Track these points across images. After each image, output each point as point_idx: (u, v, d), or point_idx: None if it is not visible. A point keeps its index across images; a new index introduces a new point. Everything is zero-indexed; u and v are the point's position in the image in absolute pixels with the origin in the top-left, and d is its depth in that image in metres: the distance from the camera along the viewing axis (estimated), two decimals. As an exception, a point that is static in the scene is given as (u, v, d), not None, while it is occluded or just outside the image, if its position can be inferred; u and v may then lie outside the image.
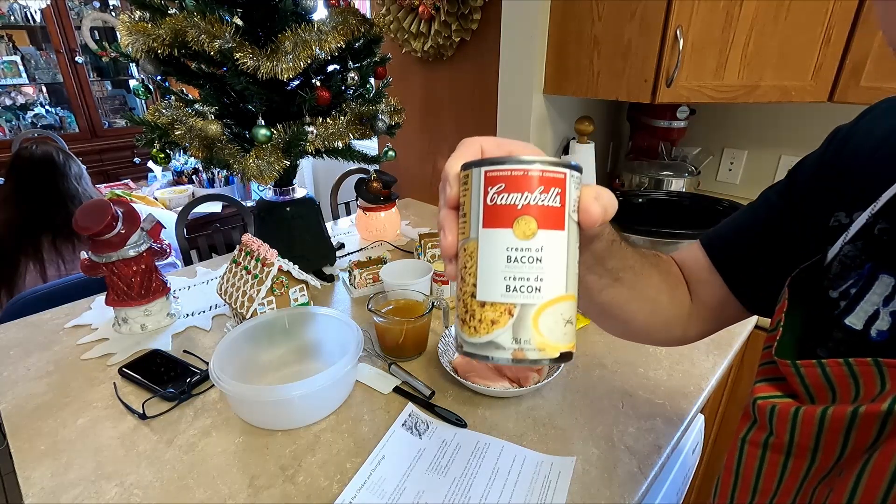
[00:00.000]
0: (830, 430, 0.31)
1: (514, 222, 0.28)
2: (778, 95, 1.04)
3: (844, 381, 0.31)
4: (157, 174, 2.57)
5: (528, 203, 0.28)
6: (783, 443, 0.35)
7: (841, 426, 0.31)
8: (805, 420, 0.33)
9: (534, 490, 0.61)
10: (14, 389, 0.80)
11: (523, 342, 0.29)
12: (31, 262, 1.32)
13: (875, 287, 0.33)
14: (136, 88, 1.05)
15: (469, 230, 0.30)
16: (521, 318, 0.29)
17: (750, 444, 0.38)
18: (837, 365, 0.31)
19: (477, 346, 0.30)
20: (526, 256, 0.28)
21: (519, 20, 1.21)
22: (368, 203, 1.37)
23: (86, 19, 3.00)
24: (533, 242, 0.28)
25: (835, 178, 0.40)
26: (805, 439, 0.33)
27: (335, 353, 0.77)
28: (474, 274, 0.30)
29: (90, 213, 0.87)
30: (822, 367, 0.32)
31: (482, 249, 0.29)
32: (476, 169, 0.30)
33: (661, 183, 1.35)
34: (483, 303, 0.29)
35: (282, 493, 0.61)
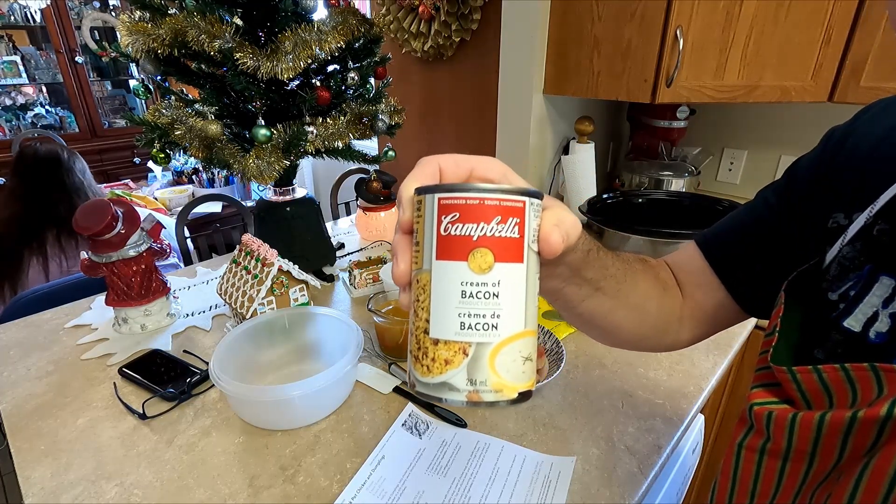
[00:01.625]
0: (829, 435, 0.31)
1: (470, 255, 0.26)
2: (778, 95, 1.04)
3: (841, 386, 0.31)
4: (157, 174, 2.57)
5: (484, 234, 0.26)
6: (780, 448, 0.35)
7: (839, 431, 0.31)
8: (803, 426, 0.33)
9: (534, 490, 0.61)
10: (14, 389, 0.80)
11: (479, 384, 0.27)
12: (35, 257, 1.33)
13: (875, 289, 0.33)
14: (136, 88, 1.05)
15: (422, 260, 0.28)
16: (476, 358, 0.27)
17: (747, 450, 0.38)
18: (834, 371, 0.31)
19: (430, 387, 0.28)
20: (482, 292, 0.26)
21: (519, 20, 1.21)
22: (368, 203, 1.37)
23: (86, 19, 3.00)
24: (489, 277, 0.26)
25: (832, 178, 0.40)
26: (803, 444, 0.33)
27: (335, 353, 0.77)
28: (427, 308, 0.28)
29: (90, 213, 0.87)
30: (818, 373, 0.32)
31: (435, 282, 0.27)
32: (429, 195, 0.27)
33: (661, 183, 1.35)
34: (436, 340, 0.27)
35: (282, 493, 0.61)
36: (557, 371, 0.76)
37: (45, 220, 1.35)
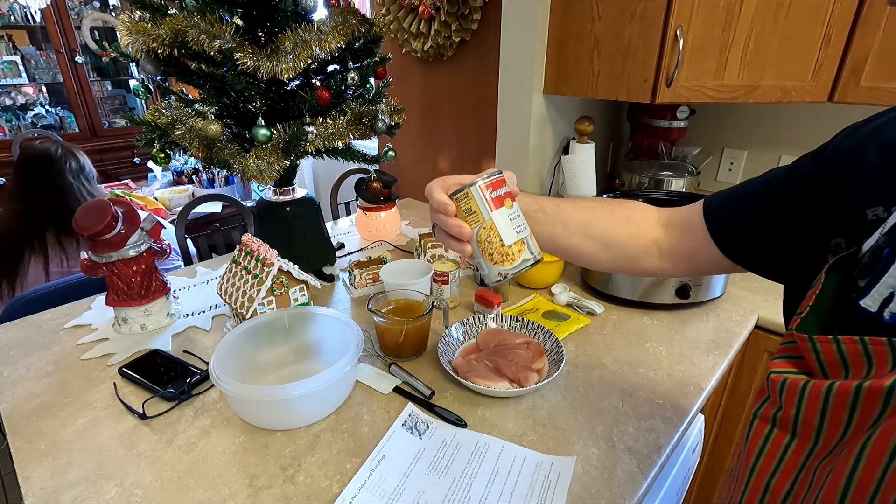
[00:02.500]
0: (836, 406, 0.32)
1: (504, 202, 0.53)
2: (778, 95, 1.04)
3: (858, 359, 0.32)
4: (157, 174, 2.57)
5: (503, 191, 0.53)
6: (789, 417, 0.36)
7: (846, 402, 0.31)
8: (812, 394, 0.33)
9: (534, 490, 0.61)
10: (14, 389, 0.80)
11: (534, 252, 0.55)
12: (35, 256, 1.33)
13: (892, 270, 0.33)
14: (136, 88, 1.05)
15: (482, 217, 0.52)
16: (527, 243, 0.54)
17: (760, 419, 0.39)
18: (853, 342, 0.32)
19: (515, 266, 0.53)
20: (515, 214, 0.54)
21: (519, 20, 1.21)
22: (368, 203, 1.37)
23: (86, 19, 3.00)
24: (514, 209, 0.54)
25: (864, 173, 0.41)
26: (810, 415, 0.34)
27: (335, 353, 0.77)
28: (497, 235, 0.53)
29: (90, 213, 0.87)
30: (837, 343, 0.32)
31: (497, 221, 0.52)
32: (473, 187, 0.52)
33: (661, 183, 1.35)
34: (509, 244, 0.53)
35: (282, 493, 0.61)
36: (557, 371, 0.76)
37: (43, 219, 1.35)
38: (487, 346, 0.85)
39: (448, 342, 0.86)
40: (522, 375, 0.76)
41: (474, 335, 0.90)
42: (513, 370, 0.77)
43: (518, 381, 0.76)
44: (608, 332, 0.95)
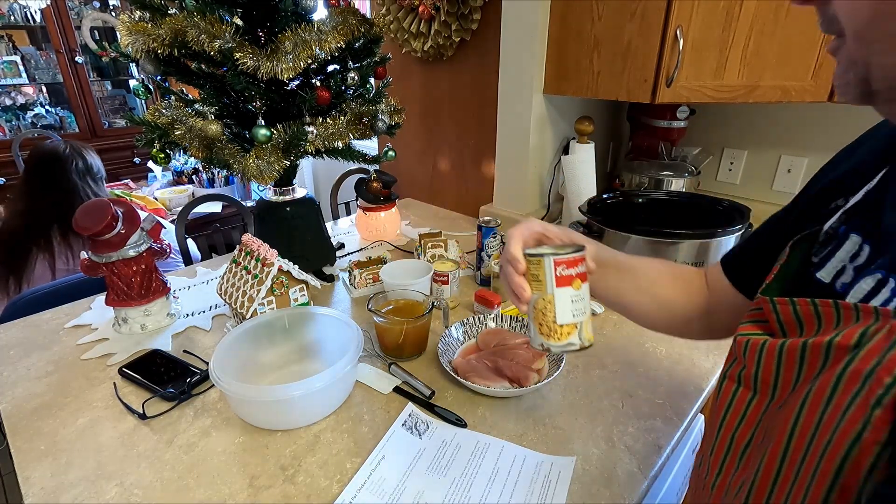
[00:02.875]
0: (787, 362, 0.37)
1: (572, 283, 0.53)
2: (778, 95, 1.03)
3: (810, 318, 0.37)
4: (157, 174, 2.57)
5: (576, 271, 0.53)
6: (751, 374, 0.40)
7: (795, 357, 0.36)
8: (769, 352, 0.38)
9: (534, 490, 0.61)
10: (14, 389, 0.80)
11: (583, 338, 0.55)
12: (42, 254, 1.34)
13: (845, 245, 0.38)
14: (136, 88, 1.05)
15: (545, 289, 0.53)
16: (580, 328, 0.54)
17: (728, 379, 0.44)
18: (806, 304, 0.37)
19: (560, 345, 0.54)
20: (579, 298, 0.54)
21: (519, 20, 1.21)
22: (368, 203, 1.37)
23: (86, 19, 3.00)
24: (581, 291, 0.54)
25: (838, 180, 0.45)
26: (767, 372, 0.39)
27: (335, 353, 0.77)
28: (553, 311, 0.53)
29: (90, 213, 0.87)
30: (793, 304, 0.38)
31: (557, 299, 0.53)
32: (546, 258, 0.53)
33: (661, 183, 1.35)
34: (562, 324, 0.54)
35: (282, 493, 0.61)
36: (557, 371, 0.76)
37: (49, 218, 1.35)
38: (487, 346, 0.85)
39: (448, 342, 0.86)
40: (522, 375, 0.76)
41: (474, 335, 0.90)
42: (513, 370, 0.77)
43: (518, 381, 0.76)
44: (608, 332, 0.95)
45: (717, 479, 0.43)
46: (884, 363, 0.29)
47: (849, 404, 0.30)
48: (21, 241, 1.33)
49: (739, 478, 0.40)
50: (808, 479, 0.32)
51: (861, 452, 0.29)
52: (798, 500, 0.33)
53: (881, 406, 0.29)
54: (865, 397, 0.30)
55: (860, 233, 0.37)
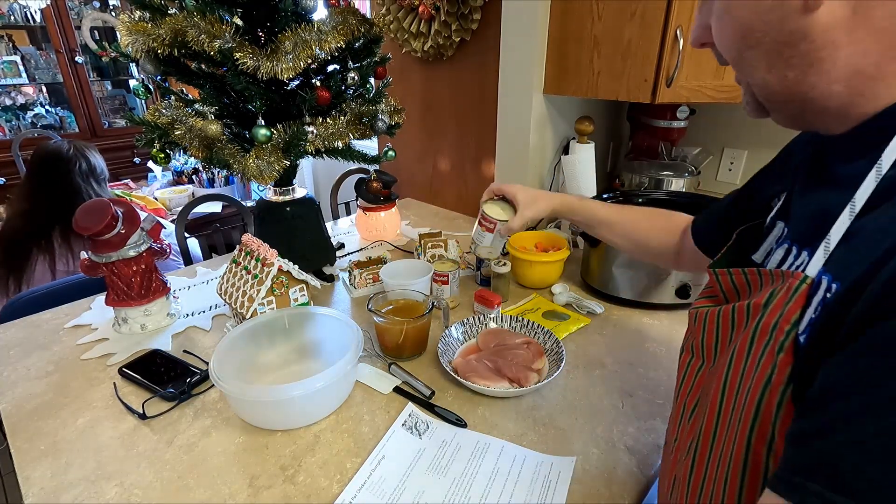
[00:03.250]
0: (723, 327, 0.43)
1: None
2: (778, 95, 1.04)
3: (744, 286, 0.43)
4: (157, 174, 2.57)
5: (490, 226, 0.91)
6: (699, 343, 0.46)
7: (728, 321, 0.43)
8: (710, 319, 0.45)
9: (534, 490, 0.61)
10: (14, 389, 0.80)
11: None
12: (42, 254, 1.33)
13: (773, 231, 0.46)
14: (136, 88, 1.05)
15: None
16: None
17: (685, 351, 0.50)
18: (739, 273, 0.44)
19: None
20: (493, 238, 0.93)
21: (519, 20, 1.20)
22: (368, 203, 1.37)
23: (86, 19, 2.99)
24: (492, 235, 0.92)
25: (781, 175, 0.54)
26: (710, 339, 0.45)
27: (335, 353, 0.77)
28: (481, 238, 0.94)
29: (90, 213, 0.87)
30: (730, 274, 0.45)
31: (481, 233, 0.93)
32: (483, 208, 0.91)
33: (661, 183, 1.35)
34: None
35: (282, 493, 0.61)
36: (557, 371, 0.76)
37: (50, 218, 1.35)
38: (487, 346, 0.85)
39: (448, 342, 0.86)
40: (522, 375, 0.76)
41: (474, 335, 0.90)
42: (513, 370, 0.77)
43: (518, 381, 0.76)
44: (608, 332, 0.95)
45: (675, 443, 0.48)
46: (784, 314, 0.35)
47: (762, 354, 0.36)
48: (22, 241, 1.33)
49: (689, 438, 0.44)
50: (736, 426, 0.37)
51: (771, 394, 0.34)
52: (730, 447, 0.38)
53: (783, 351, 0.34)
54: (773, 346, 0.35)
55: (783, 219, 0.45)
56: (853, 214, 0.34)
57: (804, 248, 0.39)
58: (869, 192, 0.34)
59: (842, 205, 0.35)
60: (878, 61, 0.34)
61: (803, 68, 0.36)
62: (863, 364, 0.28)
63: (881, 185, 0.33)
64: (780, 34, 0.36)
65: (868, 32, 0.34)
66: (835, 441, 0.28)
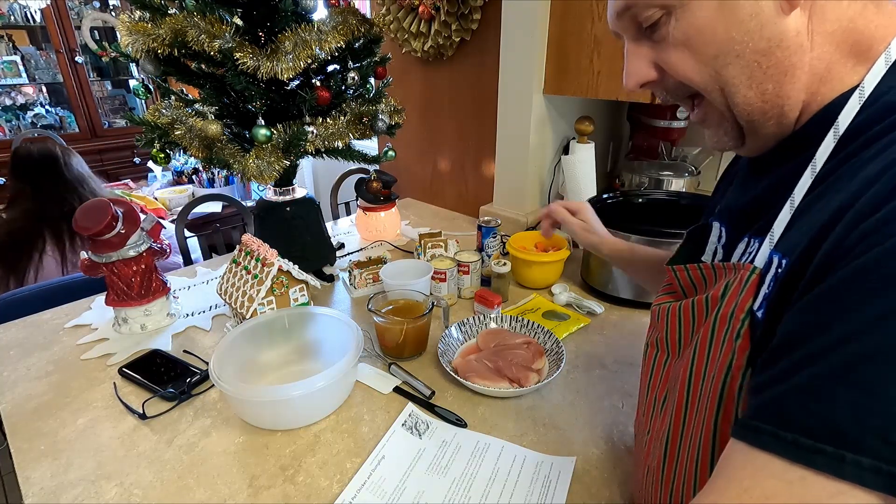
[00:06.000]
0: (684, 320, 0.45)
1: None
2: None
3: (700, 280, 0.46)
4: (157, 174, 2.57)
5: None
6: (663, 337, 0.48)
7: (689, 314, 0.44)
8: (672, 314, 0.47)
9: (534, 490, 0.61)
10: (14, 389, 0.80)
11: None
12: (52, 250, 1.33)
13: (713, 231, 0.49)
14: (136, 88, 1.05)
15: None
16: None
17: (650, 346, 0.52)
18: (695, 268, 0.46)
19: None
20: None
21: (519, 20, 1.20)
22: (368, 203, 1.37)
23: (86, 19, 2.99)
24: None
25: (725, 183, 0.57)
26: (673, 333, 0.47)
27: (335, 353, 0.77)
28: None
29: (90, 213, 0.87)
30: (687, 270, 0.47)
31: None
32: None
33: (661, 183, 1.35)
34: None
35: (282, 493, 0.61)
36: (557, 371, 0.76)
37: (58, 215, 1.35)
38: (487, 346, 0.85)
39: (448, 342, 0.86)
40: (522, 375, 0.76)
41: (474, 335, 0.90)
42: (513, 370, 0.77)
43: (518, 381, 0.76)
44: (608, 332, 0.95)
45: (647, 435, 0.49)
46: (738, 304, 0.37)
47: (723, 342, 0.38)
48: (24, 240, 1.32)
49: (662, 428, 0.46)
50: (703, 412, 0.39)
51: (733, 378, 0.37)
52: (699, 432, 0.40)
53: (740, 337, 0.36)
54: (731, 334, 0.37)
55: (717, 219, 0.49)
56: (793, 208, 0.36)
57: (753, 236, 0.41)
58: (805, 188, 0.36)
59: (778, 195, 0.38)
60: (829, 64, 0.36)
61: (779, 78, 0.37)
62: (809, 317, 0.30)
63: (816, 180, 0.36)
64: (760, 41, 0.36)
65: (823, 36, 0.36)
66: (782, 388, 0.30)
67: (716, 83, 0.39)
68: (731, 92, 0.38)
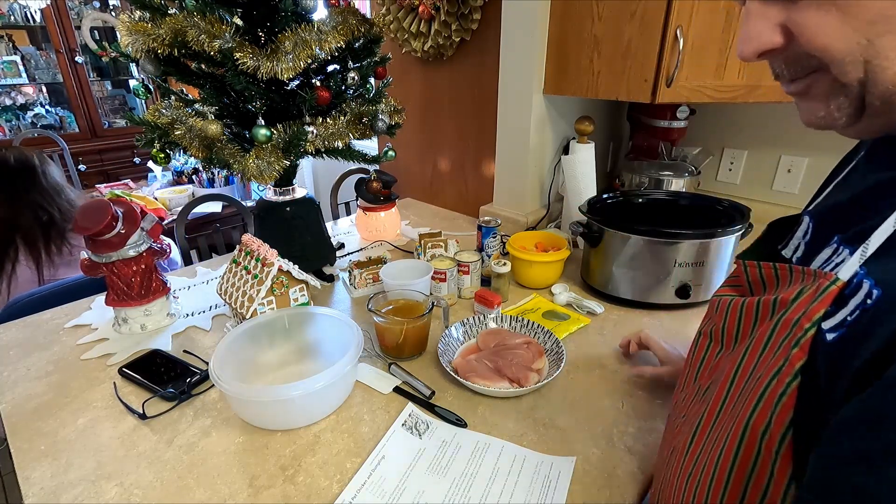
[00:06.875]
0: (746, 317, 0.43)
1: None
2: (778, 95, 1.03)
3: (772, 280, 0.43)
4: (157, 174, 2.56)
5: None
6: (719, 329, 0.47)
7: (752, 312, 0.42)
8: (733, 308, 0.45)
9: (534, 490, 0.61)
10: (14, 389, 0.80)
11: None
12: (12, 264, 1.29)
13: (801, 227, 0.46)
14: (136, 88, 1.05)
15: None
16: None
17: (702, 335, 0.50)
18: (768, 266, 0.43)
19: None
20: None
21: (519, 20, 1.20)
22: (368, 203, 1.37)
23: (86, 19, 2.99)
24: None
25: None
26: (731, 326, 0.45)
27: (335, 353, 0.77)
28: None
29: (90, 213, 0.86)
30: (759, 267, 0.44)
31: None
32: None
33: (661, 183, 1.35)
34: None
35: (282, 493, 0.61)
36: (557, 371, 0.76)
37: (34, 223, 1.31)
38: (487, 346, 0.85)
39: (448, 342, 0.86)
40: (522, 375, 0.76)
41: (474, 335, 0.90)
42: (513, 370, 0.77)
43: (518, 381, 0.76)
44: (608, 332, 0.95)
45: (683, 418, 0.49)
46: (807, 312, 0.35)
47: (778, 347, 0.36)
48: None
49: (696, 415, 0.45)
50: (739, 408, 0.38)
51: (777, 383, 0.35)
52: (730, 426, 0.39)
53: (798, 346, 0.34)
54: (789, 341, 0.35)
55: (809, 214, 0.46)
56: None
57: (845, 243, 0.37)
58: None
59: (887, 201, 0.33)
60: None
61: None
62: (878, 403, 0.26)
63: None
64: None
65: None
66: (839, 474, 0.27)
67: (861, 55, 0.31)
68: (878, 67, 0.30)
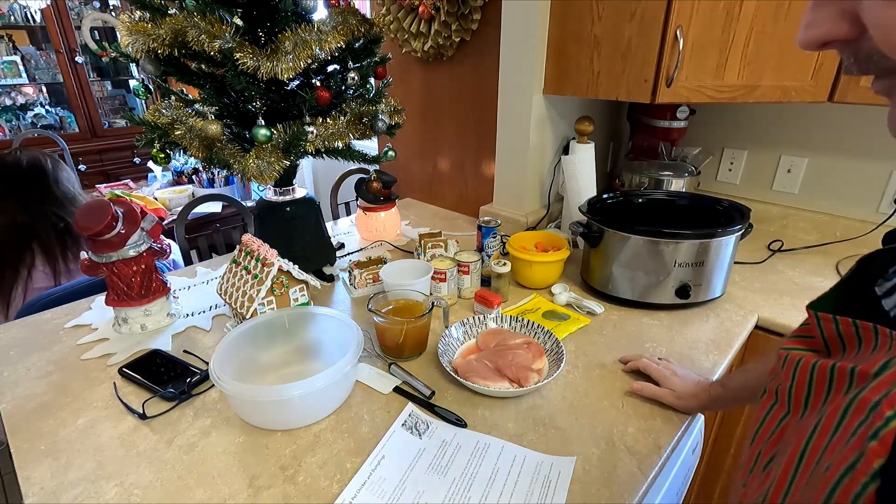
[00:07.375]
0: (818, 382, 0.36)
1: None
2: (778, 95, 1.04)
3: (852, 339, 0.35)
4: (157, 174, 2.56)
5: None
6: (785, 390, 0.39)
7: (825, 378, 0.35)
8: (803, 369, 0.37)
9: (534, 490, 0.61)
10: (14, 389, 0.80)
11: None
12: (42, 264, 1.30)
13: None
14: (136, 88, 1.05)
15: None
16: None
17: (767, 394, 0.42)
18: (847, 323, 0.35)
19: None
20: None
21: (519, 20, 1.21)
22: (368, 203, 1.37)
23: (86, 19, 2.99)
24: None
25: None
26: (799, 390, 0.38)
27: (335, 353, 0.77)
28: None
29: (90, 213, 0.86)
30: (836, 322, 0.36)
31: None
32: None
33: (661, 183, 1.35)
34: None
35: (282, 493, 0.61)
36: (557, 371, 0.76)
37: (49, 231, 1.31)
38: (487, 346, 0.85)
39: (448, 342, 0.86)
40: (522, 375, 0.76)
41: (474, 335, 0.90)
42: (513, 370, 0.77)
43: (518, 381, 0.76)
44: (608, 332, 0.95)
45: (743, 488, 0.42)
46: (890, 396, 0.28)
47: (853, 432, 0.30)
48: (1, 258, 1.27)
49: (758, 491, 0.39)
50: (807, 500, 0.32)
51: (850, 482, 0.28)
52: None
53: (877, 438, 0.28)
54: (865, 429, 0.29)
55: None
56: None
57: None
58: None
59: None
60: None
61: None
62: None
63: None
64: None
65: None
66: None
67: None
68: None
